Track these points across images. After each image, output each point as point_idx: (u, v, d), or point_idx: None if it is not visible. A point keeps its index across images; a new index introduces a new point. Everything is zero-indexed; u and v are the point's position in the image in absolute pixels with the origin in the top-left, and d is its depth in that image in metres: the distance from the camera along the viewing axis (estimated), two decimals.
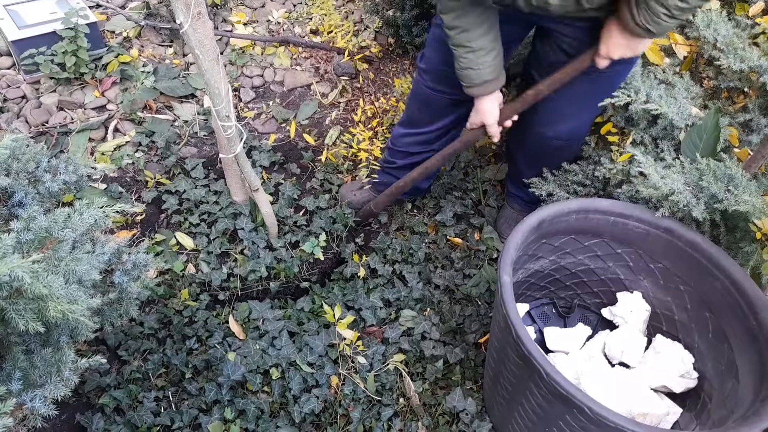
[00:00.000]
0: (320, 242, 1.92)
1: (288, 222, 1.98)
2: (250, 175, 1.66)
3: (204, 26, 1.39)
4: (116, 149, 2.17)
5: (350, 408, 1.57)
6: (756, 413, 1.14)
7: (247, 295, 1.84)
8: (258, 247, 1.87)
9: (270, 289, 1.84)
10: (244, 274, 1.82)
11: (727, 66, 1.70)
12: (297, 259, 1.87)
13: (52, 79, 2.32)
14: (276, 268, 1.86)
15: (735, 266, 1.36)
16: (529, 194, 1.92)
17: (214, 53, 1.47)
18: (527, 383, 1.24)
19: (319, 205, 2.04)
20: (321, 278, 1.98)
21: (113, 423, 1.48)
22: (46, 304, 0.85)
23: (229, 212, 1.92)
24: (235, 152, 1.57)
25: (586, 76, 1.51)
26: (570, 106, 1.65)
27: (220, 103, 1.42)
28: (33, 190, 1.46)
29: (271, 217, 1.85)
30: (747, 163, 1.46)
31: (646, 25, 1.27)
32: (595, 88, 1.59)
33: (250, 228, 1.89)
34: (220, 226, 1.89)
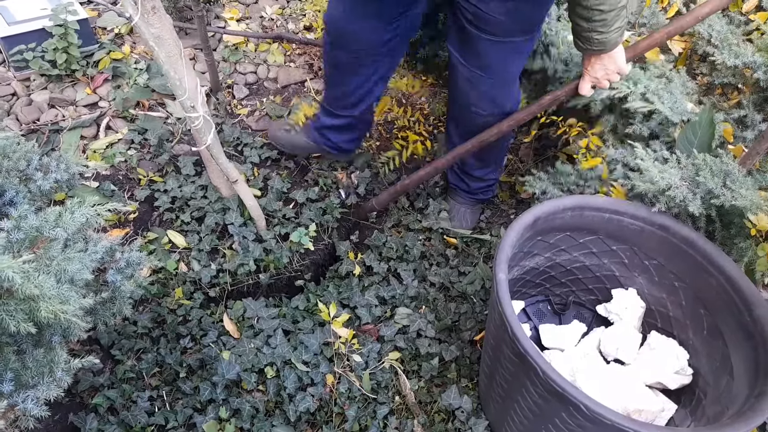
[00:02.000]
0: (310, 232, 1.90)
1: (277, 215, 1.96)
2: (226, 166, 1.64)
3: (161, 21, 1.40)
4: (108, 147, 2.15)
5: (346, 406, 1.57)
6: (751, 409, 1.14)
7: (239, 290, 1.83)
8: (248, 240, 1.85)
9: (261, 283, 1.82)
10: (233, 269, 1.80)
11: (722, 62, 1.71)
12: (286, 250, 1.85)
13: (43, 76, 2.30)
14: (265, 260, 1.83)
15: (730, 263, 1.36)
16: (470, 184, 2.01)
17: (177, 46, 1.47)
18: (523, 381, 1.23)
19: (309, 197, 2.03)
20: (315, 273, 1.96)
21: (107, 423, 1.47)
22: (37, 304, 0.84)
23: (218, 207, 1.90)
24: (206, 143, 1.55)
25: (491, 44, 1.58)
26: (486, 79, 1.68)
27: (182, 95, 1.41)
28: (24, 189, 1.44)
29: (256, 210, 1.83)
30: (742, 159, 1.46)
31: (589, 46, 1.44)
32: (502, 55, 1.62)
33: (239, 223, 1.87)
34: (209, 221, 1.87)
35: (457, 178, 2.07)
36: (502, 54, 1.61)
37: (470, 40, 1.60)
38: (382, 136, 2.41)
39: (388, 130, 2.44)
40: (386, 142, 2.40)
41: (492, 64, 1.64)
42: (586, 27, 1.39)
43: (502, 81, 1.69)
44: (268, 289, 1.89)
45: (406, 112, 2.48)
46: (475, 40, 1.59)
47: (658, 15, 1.90)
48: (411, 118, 2.46)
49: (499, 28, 1.53)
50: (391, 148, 2.36)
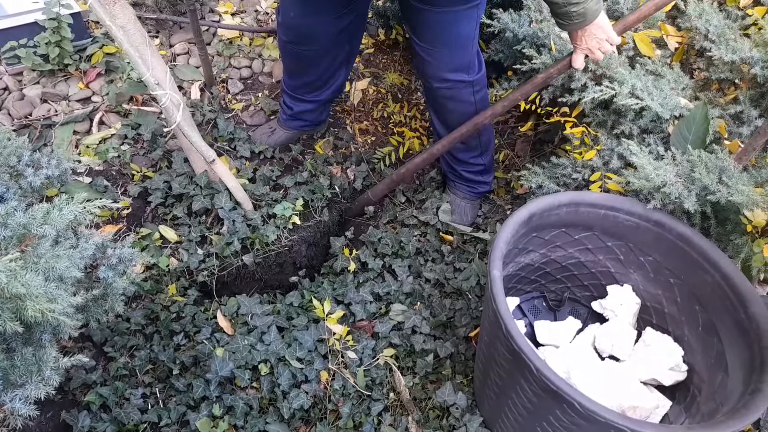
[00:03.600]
0: (297, 206, 1.88)
1: (265, 198, 1.94)
2: (200, 146, 1.63)
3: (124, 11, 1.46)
4: (101, 142, 2.13)
5: (340, 403, 1.56)
6: (745, 406, 1.14)
7: (228, 273, 1.80)
8: (236, 223, 1.83)
9: (248, 266, 1.80)
10: (220, 252, 1.79)
11: (719, 57, 1.69)
12: (272, 226, 1.83)
13: (35, 71, 2.27)
14: (250, 237, 1.81)
15: (725, 259, 1.36)
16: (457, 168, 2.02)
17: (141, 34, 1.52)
18: (517, 378, 1.23)
19: (298, 180, 2.03)
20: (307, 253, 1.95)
21: (99, 420, 1.46)
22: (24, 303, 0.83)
23: (206, 192, 1.88)
24: (176, 122, 1.54)
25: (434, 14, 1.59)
26: (433, 51, 1.69)
27: (146, 72, 1.43)
28: (15, 185, 1.43)
29: (240, 192, 1.81)
30: (738, 155, 1.45)
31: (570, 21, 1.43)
32: (447, 25, 1.63)
33: (229, 207, 1.84)
34: (196, 205, 1.84)
35: (446, 164, 2.09)
36: (446, 24, 1.62)
37: (416, 14, 1.63)
38: (378, 132, 2.40)
39: (384, 125, 2.43)
40: (382, 137, 2.39)
41: (440, 35, 1.65)
42: (560, 3, 1.39)
43: (455, 48, 1.69)
44: (258, 271, 1.84)
45: (402, 107, 2.46)
46: (419, 13, 1.61)
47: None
48: (407, 114, 2.45)
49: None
50: (387, 144, 2.35)
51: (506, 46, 2.12)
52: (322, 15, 1.74)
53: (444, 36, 1.64)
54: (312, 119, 2.16)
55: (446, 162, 2.06)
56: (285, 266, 1.89)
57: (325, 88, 2.03)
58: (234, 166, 2.04)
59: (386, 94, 2.50)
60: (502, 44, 2.14)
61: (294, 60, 1.95)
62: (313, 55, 1.88)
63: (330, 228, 2.00)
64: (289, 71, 2.02)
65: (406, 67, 2.66)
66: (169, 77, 1.56)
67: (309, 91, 2.04)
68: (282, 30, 1.86)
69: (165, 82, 1.53)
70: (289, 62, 1.98)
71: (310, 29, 1.78)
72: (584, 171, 1.74)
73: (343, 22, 1.78)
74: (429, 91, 1.83)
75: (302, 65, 1.95)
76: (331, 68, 1.97)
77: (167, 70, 1.57)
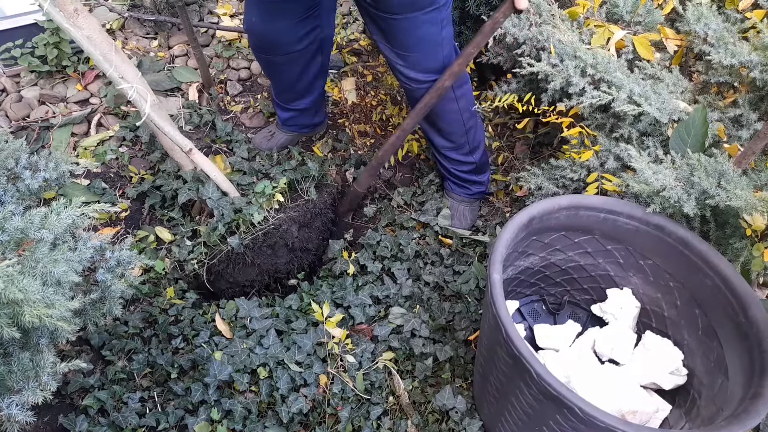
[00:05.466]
0: (280, 185, 1.86)
1: (252, 187, 1.92)
2: (173, 135, 1.63)
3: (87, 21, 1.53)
4: (99, 144, 2.13)
5: (339, 407, 1.56)
6: (745, 411, 1.13)
7: (219, 261, 1.79)
8: (224, 212, 1.80)
9: (235, 249, 1.78)
10: (207, 239, 1.77)
11: (718, 61, 1.69)
12: (255, 206, 1.81)
13: (33, 72, 2.27)
14: (235, 219, 1.79)
15: (725, 263, 1.35)
16: (450, 168, 2.01)
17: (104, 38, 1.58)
18: (517, 382, 1.22)
19: (285, 168, 2.02)
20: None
21: (97, 425, 1.45)
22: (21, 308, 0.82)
23: (192, 185, 1.85)
24: (145, 114, 1.56)
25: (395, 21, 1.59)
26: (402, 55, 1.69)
27: (108, 69, 1.49)
28: (12, 188, 1.42)
29: (224, 182, 1.80)
30: (737, 158, 1.45)
31: None
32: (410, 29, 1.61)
33: (217, 197, 1.80)
34: (182, 198, 1.82)
35: (440, 164, 2.08)
36: (409, 29, 1.61)
37: (378, 22, 1.63)
38: (377, 134, 2.40)
39: (382, 128, 2.42)
40: (381, 140, 2.39)
41: (405, 40, 1.64)
42: None
43: (423, 51, 1.68)
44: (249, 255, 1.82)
45: (401, 110, 2.46)
46: (381, 20, 1.61)
47: (654, 12, 1.89)
48: (405, 116, 2.44)
49: (392, 5, 1.55)
50: None
51: (505, 49, 2.12)
52: (281, 20, 1.74)
53: (409, 41, 1.64)
54: (307, 122, 2.17)
55: (439, 162, 2.06)
56: (276, 248, 1.85)
57: (305, 98, 2.03)
58: (230, 165, 2.03)
59: (385, 98, 2.49)
60: (502, 47, 2.13)
61: (266, 67, 1.96)
62: (281, 62, 1.88)
63: (321, 209, 1.98)
64: (269, 79, 2.05)
65: None
66: (137, 73, 1.62)
67: (289, 99, 2.05)
68: (249, 37, 1.87)
69: (133, 77, 1.58)
70: (264, 70, 1.99)
71: (273, 36, 1.78)
72: (581, 171, 1.74)
73: (306, 28, 1.77)
74: (407, 92, 1.83)
75: (275, 72, 1.96)
76: (305, 78, 1.96)
77: (135, 68, 1.63)
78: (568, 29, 1.88)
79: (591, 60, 1.76)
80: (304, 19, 1.75)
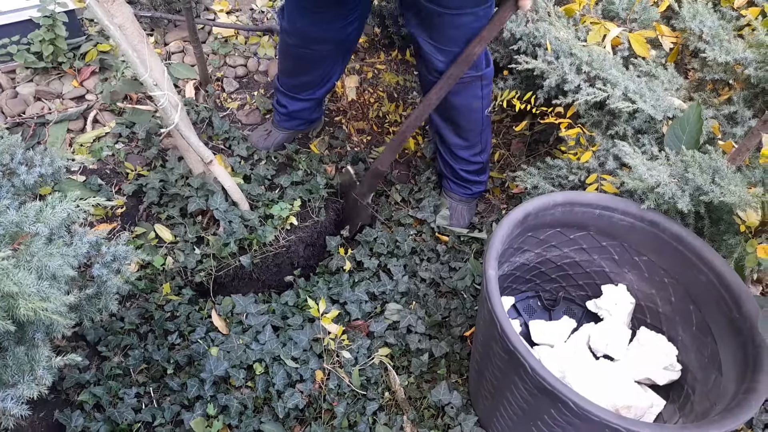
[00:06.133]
0: (294, 207, 1.88)
1: (261, 198, 1.93)
2: (199, 147, 1.62)
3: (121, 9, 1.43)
4: (96, 140, 2.12)
5: (335, 403, 1.56)
6: (739, 405, 1.14)
7: (226, 274, 1.80)
8: (232, 224, 1.82)
9: (245, 267, 1.80)
10: (217, 252, 1.78)
11: (713, 58, 1.70)
12: (269, 227, 1.82)
13: (29, 69, 2.26)
14: (248, 238, 1.80)
15: (719, 259, 1.36)
16: (456, 167, 2.01)
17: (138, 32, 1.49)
18: (512, 377, 1.23)
19: (294, 180, 2.02)
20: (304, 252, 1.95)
21: (93, 420, 1.45)
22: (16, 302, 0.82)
23: (201, 193, 1.86)
24: (174, 123, 1.54)
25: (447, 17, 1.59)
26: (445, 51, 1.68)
27: (144, 72, 1.42)
28: (8, 183, 1.42)
29: (236, 192, 1.80)
30: (732, 155, 1.46)
31: None
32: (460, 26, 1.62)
33: (224, 208, 1.82)
34: (191, 207, 1.83)
35: (443, 163, 2.07)
36: (462, 25, 1.61)
37: (427, 17, 1.61)
38: (374, 131, 2.40)
39: (379, 125, 2.43)
40: (378, 137, 2.39)
41: (453, 36, 1.64)
42: None
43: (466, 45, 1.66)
44: (255, 272, 1.84)
45: (398, 107, 2.46)
46: (433, 16, 1.60)
47: (650, 10, 1.90)
48: (403, 113, 2.45)
49: (453, 0, 1.54)
50: (383, 143, 2.35)
51: (502, 45, 2.13)
52: (332, 23, 1.76)
53: (458, 36, 1.63)
54: (307, 117, 2.16)
55: (444, 161, 2.05)
56: (282, 266, 1.88)
57: (320, 86, 2.03)
58: (229, 165, 2.03)
59: (382, 95, 2.49)
60: (498, 43, 2.14)
61: (296, 60, 1.94)
62: (317, 57, 1.89)
63: (327, 228, 2.00)
64: (288, 71, 2.02)
65: (402, 66, 2.65)
66: (166, 77, 1.56)
67: (305, 89, 2.04)
68: (286, 34, 1.86)
69: (163, 82, 1.52)
70: (291, 62, 1.97)
71: (319, 35, 1.80)
72: (580, 173, 1.74)
73: (352, 27, 1.81)
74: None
75: (304, 66, 1.94)
76: (330, 71, 1.98)
77: (165, 70, 1.57)
78: (564, 26, 1.88)
79: (586, 57, 1.77)
80: (351, 20, 1.78)
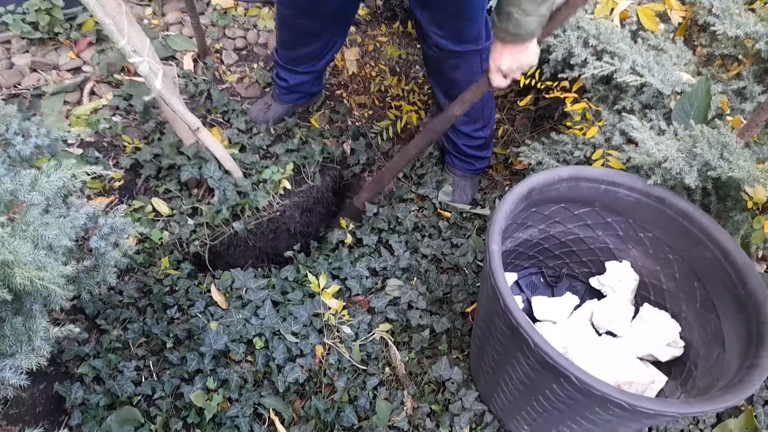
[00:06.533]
0: (287, 171, 1.85)
1: (255, 166, 1.91)
2: (184, 114, 1.59)
3: None
4: (93, 113, 2.09)
5: (335, 377, 1.56)
6: (741, 381, 1.13)
7: (221, 243, 1.77)
8: (226, 191, 1.79)
9: (238, 233, 1.77)
10: (210, 221, 1.76)
11: (723, 32, 1.66)
12: (262, 191, 1.79)
13: (24, 39, 2.22)
14: (240, 203, 1.78)
15: (725, 235, 1.34)
16: (458, 143, 1.98)
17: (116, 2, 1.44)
18: (514, 353, 1.22)
19: (289, 148, 1.99)
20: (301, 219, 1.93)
21: (93, 392, 1.45)
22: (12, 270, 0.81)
23: (194, 162, 1.83)
24: (157, 90, 1.51)
25: None
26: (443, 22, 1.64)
27: (121, 40, 1.39)
28: (3, 154, 1.39)
29: (228, 160, 1.77)
30: (740, 131, 1.43)
31: (506, 26, 1.27)
32: None
33: (218, 176, 1.79)
34: (184, 175, 1.80)
35: (446, 138, 2.04)
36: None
37: None
38: (375, 106, 2.36)
39: (381, 99, 2.39)
40: (380, 111, 2.35)
41: (451, 6, 1.59)
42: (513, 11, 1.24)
43: (466, 19, 1.63)
44: (251, 239, 1.81)
45: (400, 81, 2.42)
46: None
47: None
48: (405, 87, 2.41)
49: None
50: (384, 118, 2.32)
51: None
52: None
53: (456, 7, 1.59)
54: (307, 90, 2.13)
55: (446, 137, 2.02)
56: (279, 233, 1.85)
57: (319, 59, 1.99)
58: (226, 137, 2.00)
59: (384, 68, 2.45)
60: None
61: (293, 32, 1.90)
62: (314, 28, 1.85)
63: (323, 194, 1.97)
64: (286, 43, 1.98)
65: (404, 40, 2.61)
66: (148, 44, 1.53)
67: (303, 62, 2.00)
68: (282, 4, 1.82)
69: (143, 49, 1.49)
70: (288, 34, 1.93)
71: (312, 6, 1.75)
72: (586, 148, 1.72)
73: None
74: (435, 61, 1.77)
75: (302, 37, 1.90)
76: (330, 40, 1.93)
77: (146, 39, 1.54)
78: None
79: (594, 30, 1.73)
80: None
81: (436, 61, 1.77)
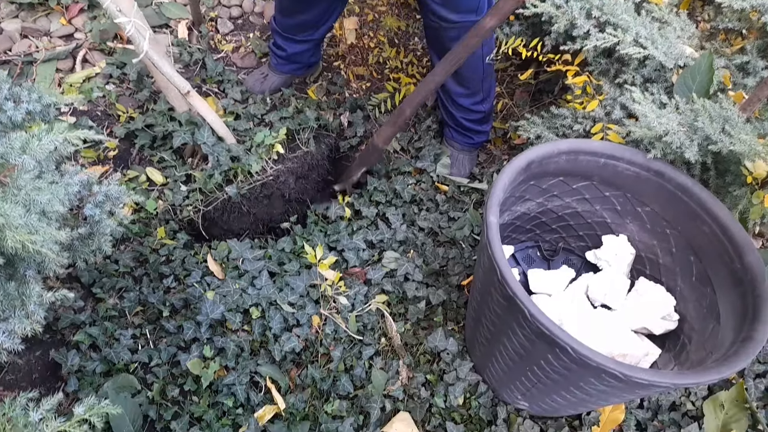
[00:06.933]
0: (279, 135, 1.83)
1: (249, 134, 1.89)
2: (173, 77, 1.56)
3: None
4: (85, 81, 2.05)
5: (331, 347, 1.56)
6: (735, 353, 1.14)
7: (214, 209, 1.76)
8: (219, 157, 1.77)
9: (232, 197, 1.75)
10: (203, 186, 1.74)
11: (728, 4, 1.63)
12: (255, 155, 1.77)
13: (14, 4, 2.16)
14: (233, 168, 1.76)
15: (724, 210, 1.34)
16: (457, 115, 1.96)
17: None
18: (510, 324, 1.23)
19: (283, 115, 1.97)
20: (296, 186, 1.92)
21: (89, 360, 1.45)
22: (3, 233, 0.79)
23: (187, 128, 1.79)
24: (143, 52, 1.48)
25: None
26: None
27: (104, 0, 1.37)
28: None
29: (220, 126, 1.75)
30: (742, 105, 1.42)
31: None
32: None
33: (212, 142, 1.76)
34: (176, 141, 1.77)
35: (445, 111, 2.01)
36: None
37: None
38: (373, 77, 2.33)
39: (379, 71, 2.35)
40: (378, 83, 2.32)
41: None
42: None
43: None
44: (245, 204, 1.79)
45: (398, 53, 2.39)
46: None
47: None
48: (404, 60, 2.37)
49: None
50: (382, 90, 2.29)
51: None
52: None
53: None
54: (305, 60, 2.10)
55: (446, 109, 2.00)
56: (273, 199, 1.84)
57: (318, 27, 1.95)
58: (222, 107, 1.97)
59: (383, 39, 2.41)
60: None
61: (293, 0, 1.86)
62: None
63: (318, 160, 1.95)
64: (284, 9, 1.94)
65: (403, 11, 2.56)
66: (135, 7, 1.50)
67: (302, 30, 1.96)
68: None
69: (130, 10, 1.47)
70: (287, 0, 1.89)
71: None
72: (585, 122, 1.70)
73: None
74: (435, 32, 1.74)
75: (301, 4, 1.86)
76: (329, 7, 1.90)
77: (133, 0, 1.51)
78: None
79: (597, 2, 1.69)
80: None
81: (436, 31, 1.73)
